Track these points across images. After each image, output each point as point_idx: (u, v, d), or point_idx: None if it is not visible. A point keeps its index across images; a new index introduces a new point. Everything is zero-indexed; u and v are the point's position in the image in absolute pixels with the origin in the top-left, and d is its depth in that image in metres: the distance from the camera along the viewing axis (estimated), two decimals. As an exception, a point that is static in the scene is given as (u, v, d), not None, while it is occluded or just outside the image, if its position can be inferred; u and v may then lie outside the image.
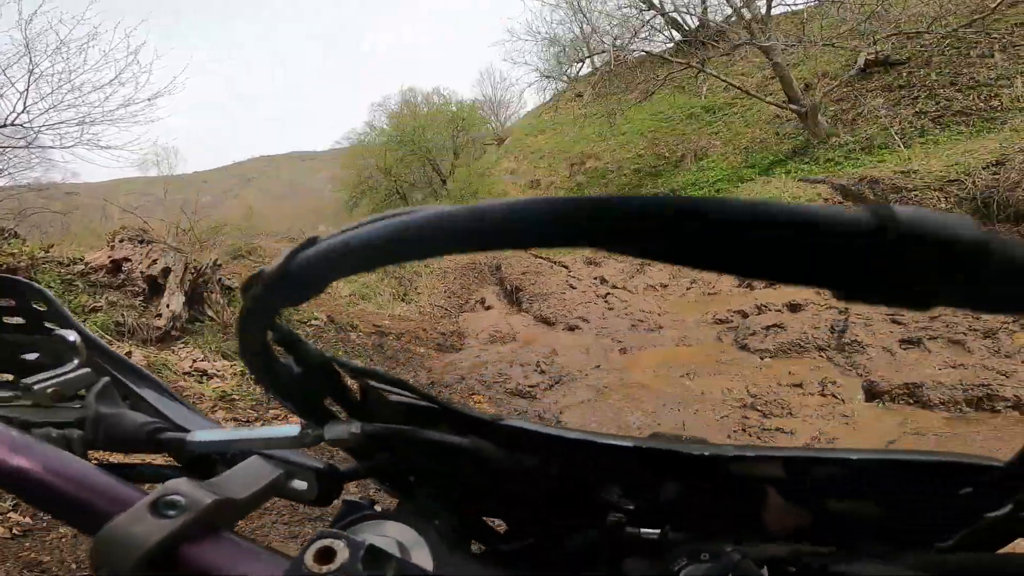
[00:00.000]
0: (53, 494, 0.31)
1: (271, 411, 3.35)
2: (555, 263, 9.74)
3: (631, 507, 0.39)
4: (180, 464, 0.46)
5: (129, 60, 8.23)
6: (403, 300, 8.35)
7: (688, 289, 7.87)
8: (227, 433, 0.42)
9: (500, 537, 0.45)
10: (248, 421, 3.14)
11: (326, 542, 0.28)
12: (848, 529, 0.38)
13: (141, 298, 3.82)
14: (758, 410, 3.95)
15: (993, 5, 9.58)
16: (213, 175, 68.12)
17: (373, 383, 0.42)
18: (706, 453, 0.37)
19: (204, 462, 0.44)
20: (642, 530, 0.39)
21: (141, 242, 4.05)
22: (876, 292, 0.21)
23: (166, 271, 3.94)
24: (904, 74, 10.72)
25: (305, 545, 0.28)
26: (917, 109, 9.91)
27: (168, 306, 3.77)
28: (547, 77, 14.67)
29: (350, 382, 0.43)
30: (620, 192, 15.85)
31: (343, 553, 0.28)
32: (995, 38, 9.67)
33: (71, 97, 7.96)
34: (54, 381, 0.43)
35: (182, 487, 0.30)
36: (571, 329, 6.74)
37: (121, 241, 4.04)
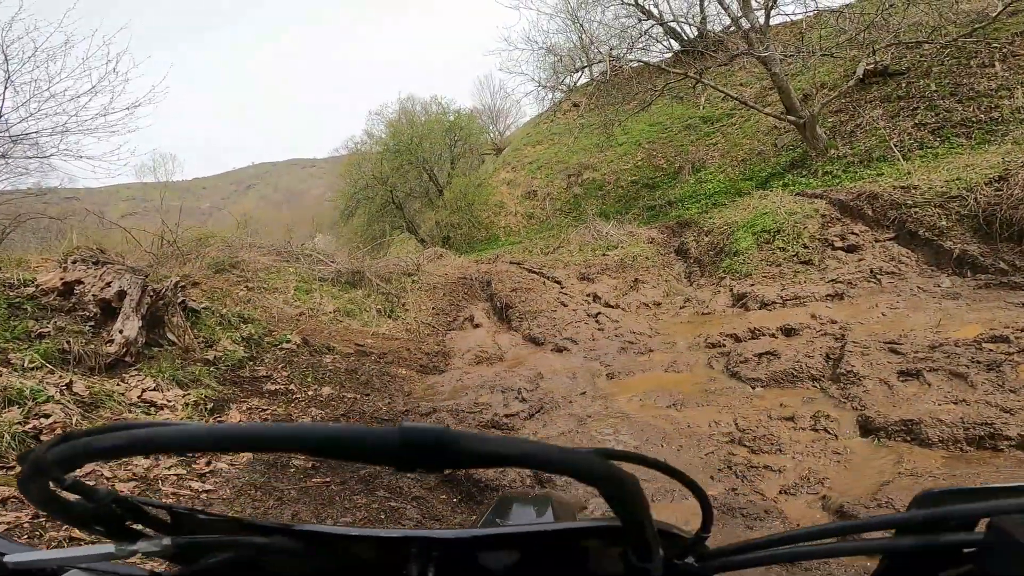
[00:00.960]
0: None
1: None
2: (548, 279, 9.53)
3: None
4: None
5: (108, 68, 7.97)
6: (389, 316, 8.13)
7: (681, 308, 7.66)
8: (43, 554, 0.46)
9: None
10: (194, 456, 2.91)
11: None
12: None
13: (92, 323, 3.60)
14: (746, 446, 3.71)
15: (994, 14, 9.40)
16: (212, 181, 68.23)
17: (177, 510, 0.49)
18: (465, 537, 0.48)
19: None
20: None
21: (96, 263, 3.83)
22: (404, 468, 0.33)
23: (121, 294, 3.71)
24: (903, 85, 10.54)
25: None
26: (916, 121, 9.71)
27: (121, 331, 3.54)
28: (544, 87, 14.51)
29: (154, 510, 0.49)
30: (616, 205, 15.70)
31: None
32: (995, 48, 9.48)
33: (48, 106, 7.73)
34: None
35: None
36: (559, 350, 6.52)
37: (74, 262, 3.82)
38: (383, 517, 2.61)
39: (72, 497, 0.43)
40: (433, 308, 8.82)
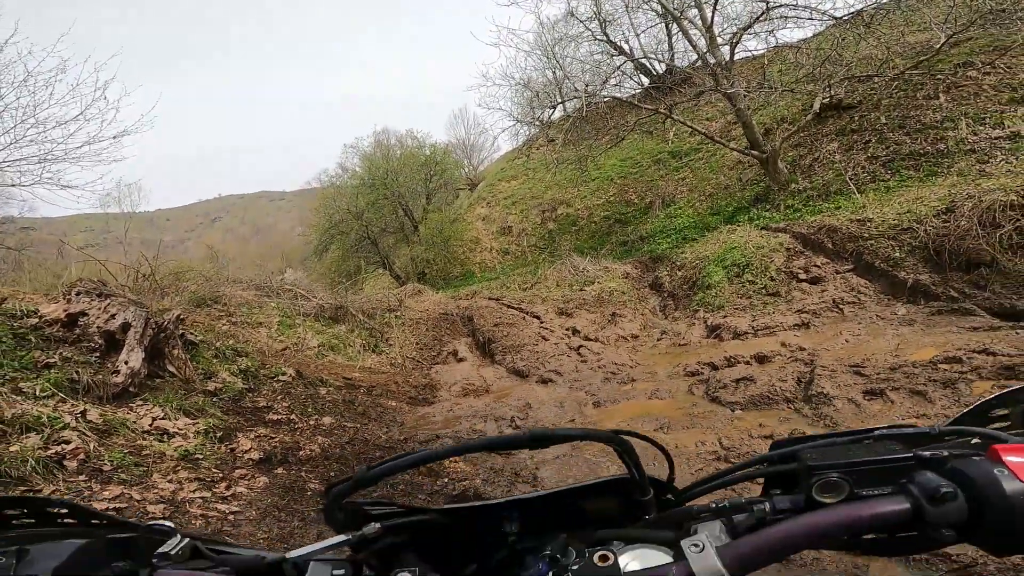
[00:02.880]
0: None
1: (236, 470, 3.20)
2: (527, 314, 9.75)
3: (517, 532, 0.68)
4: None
5: (96, 96, 7.94)
6: (374, 351, 8.21)
7: (659, 340, 7.96)
8: (309, 548, 0.60)
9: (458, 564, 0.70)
10: (213, 480, 2.99)
11: (403, 572, 0.57)
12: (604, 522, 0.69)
13: (98, 354, 3.64)
14: (731, 462, 3.95)
15: (937, 46, 9.82)
16: (177, 213, 66.99)
17: (365, 506, 0.67)
18: (536, 495, 0.69)
19: (282, 572, 0.61)
20: (525, 544, 0.66)
21: (100, 295, 3.90)
22: None
23: (125, 326, 3.78)
24: (856, 118, 10.98)
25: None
26: (869, 154, 10.11)
27: (127, 363, 3.60)
28: (519, 122, 15.01)
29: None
30: (589, 240, 16.06)
31: None
32: (939, 79, 9.95)
33: (34, 132, 7.67)
34: (180, 547, 0.59)
35: None
36: (544, 382, 6.70)
37: (78, 294, 3.88)
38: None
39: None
40: (416, 343, 8.93)
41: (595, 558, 0.54)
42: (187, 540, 0.60)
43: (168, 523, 0.62)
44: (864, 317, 6.59)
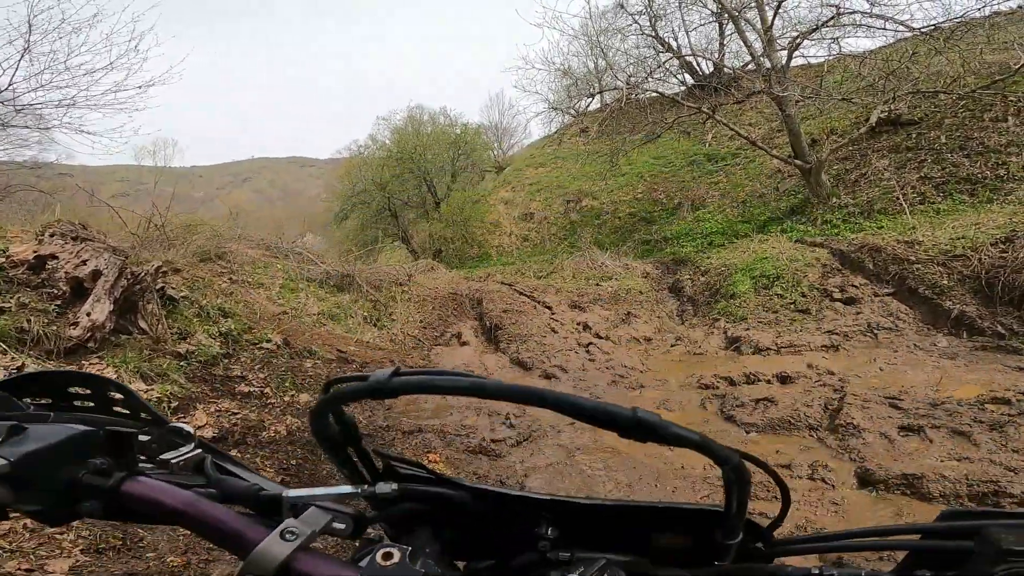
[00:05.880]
0: (218, 529, 0.48)
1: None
2: (539, 303, 9.35)
3: (553, 537, 0.57)
4: (253, 512, 0.57)
5: (130, 46, 7.83)
6: (375, 325, 7.89)
7: (672, 346, 7.49)
8: (310, 491, 0.55)
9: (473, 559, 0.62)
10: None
11: (388, 548, 0.45)
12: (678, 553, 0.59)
13: (59, 302, 3.35)
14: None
15: (1016, 66, 9.22)
16: (209, 171, 67.73)
17: (392, 461, 0.60)
18: (590, 503, 0.58)
19: (276, 510, 0.55)
20: (560, 553, 0.56)
21: (75, 238, 3.60)
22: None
23: (96, 274, 3.46)
24: (914, 135, 10.45)
25: (371, 552, 0.45)
26: (922, 174, 9.59)
27: (88, 314, 3.29)
28: (555, 109, 14.50)
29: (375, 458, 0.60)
30: (611, 236, 15.58)
31: (398, 555, 0.45)
32: (1011, 101, 9.38)
33: (61, 78, 7.59)
34: (185, 457, 0.59)
35: (293, 523, 0.46)
36: (548, 377, 6.32)
37: (52, 235, 3.58)
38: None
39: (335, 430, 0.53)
40: (421, 321, 8.59)
41: None
42: (197, 452, 0.59)
43: (189, 428, 0.60)
44: (900, 345, 6.06)
